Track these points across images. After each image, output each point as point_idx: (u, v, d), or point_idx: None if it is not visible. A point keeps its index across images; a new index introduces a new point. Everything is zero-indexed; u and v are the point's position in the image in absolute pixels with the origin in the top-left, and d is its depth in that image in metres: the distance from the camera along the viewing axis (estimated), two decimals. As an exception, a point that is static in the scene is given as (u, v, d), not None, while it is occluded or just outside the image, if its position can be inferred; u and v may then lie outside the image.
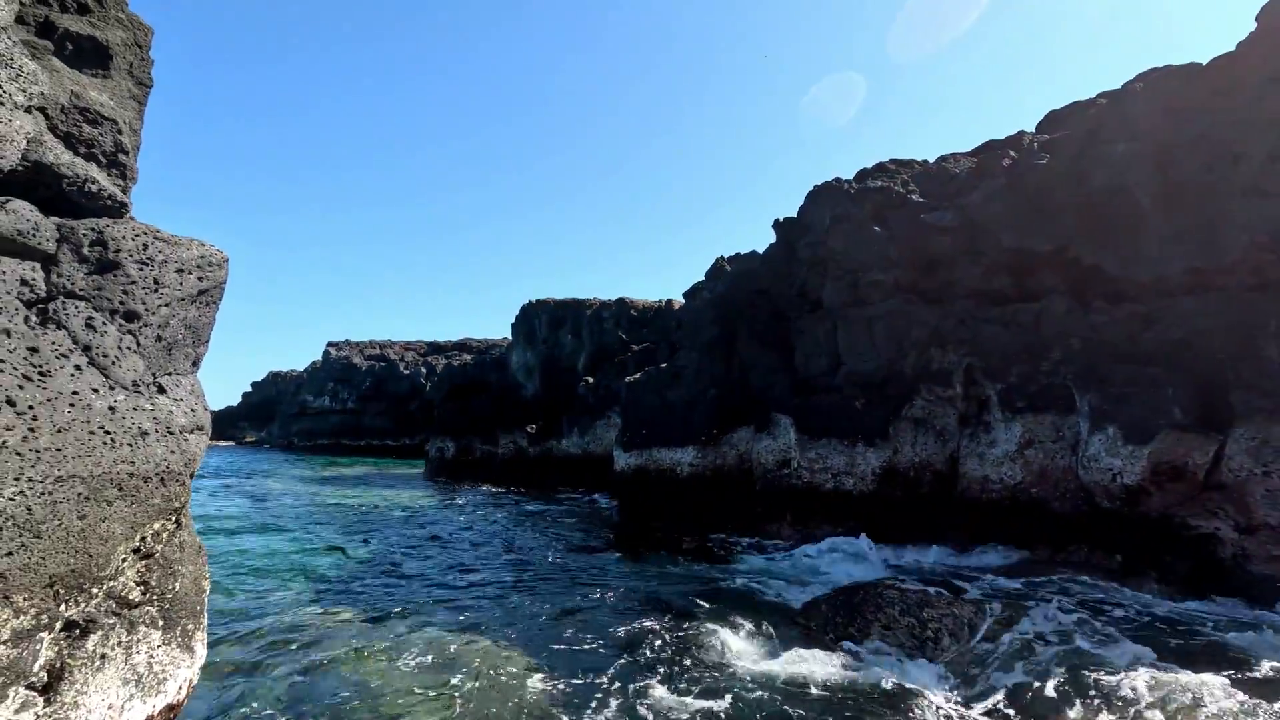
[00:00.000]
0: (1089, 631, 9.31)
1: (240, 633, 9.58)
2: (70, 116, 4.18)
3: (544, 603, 11.43)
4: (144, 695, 3.63)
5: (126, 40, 4.84)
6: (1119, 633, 9.21)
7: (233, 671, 8.12)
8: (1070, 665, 8.07)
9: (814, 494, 16.83)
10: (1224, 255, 12.16)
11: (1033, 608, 10.30)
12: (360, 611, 10.75)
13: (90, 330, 3.62)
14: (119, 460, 3.50)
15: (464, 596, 11.94)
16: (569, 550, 16.50)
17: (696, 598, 11.53)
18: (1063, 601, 10.70)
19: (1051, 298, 14.63)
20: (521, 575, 13.70)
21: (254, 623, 10.05)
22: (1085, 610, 10.29)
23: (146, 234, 4.06)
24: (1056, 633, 9.30)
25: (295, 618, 10.36)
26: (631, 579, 13.27)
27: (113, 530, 3.41)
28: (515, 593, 12.17)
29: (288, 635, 9.48)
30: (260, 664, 8.35)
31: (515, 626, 10.01)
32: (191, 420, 4.20)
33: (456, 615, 10.60)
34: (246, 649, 8.90)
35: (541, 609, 11.00)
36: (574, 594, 12.05)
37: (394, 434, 69.31)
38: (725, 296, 21.86)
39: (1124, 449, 12.47)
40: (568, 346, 41.82)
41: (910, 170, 19.64)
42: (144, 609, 3.74)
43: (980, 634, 9.15)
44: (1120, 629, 9.41)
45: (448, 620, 10.30)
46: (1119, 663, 8.10)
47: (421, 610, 10.89)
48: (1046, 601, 10.64)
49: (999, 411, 15.08)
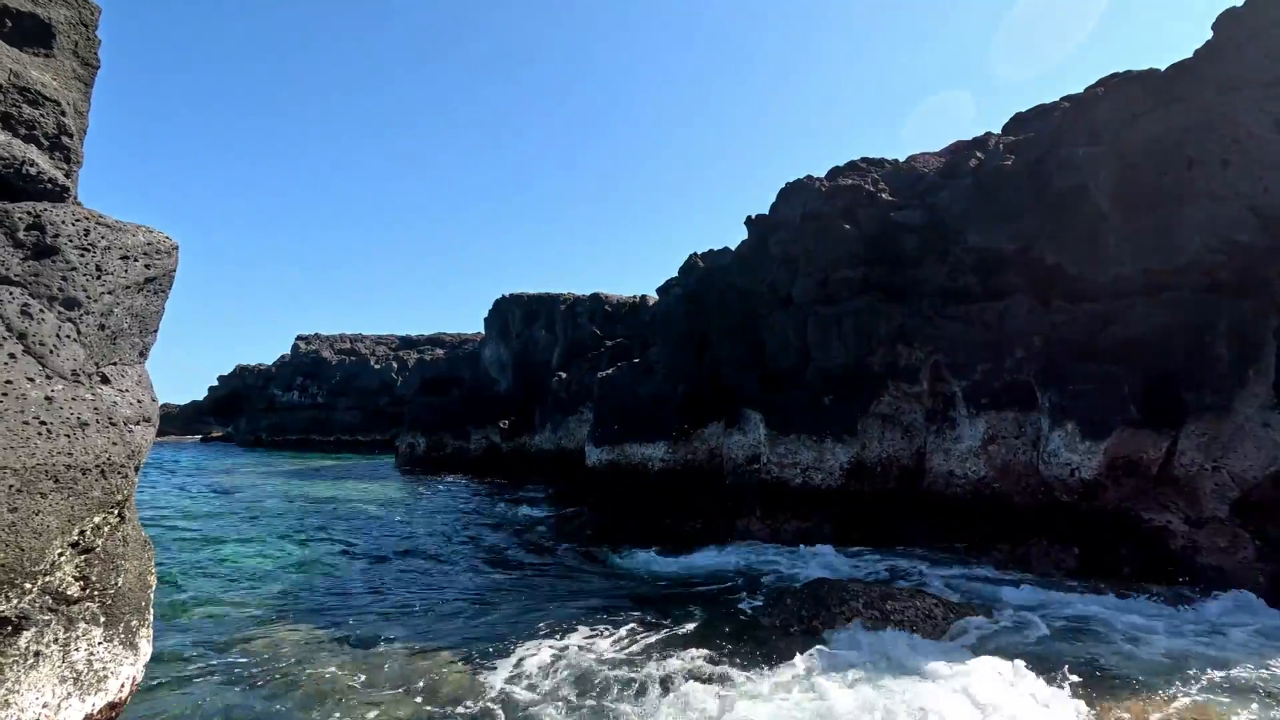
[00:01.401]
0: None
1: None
2: (9, 96, 4.02)
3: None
4: (83, 693, 3.53)
5: (71, 19, 4.67)
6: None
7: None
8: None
9: (783, 489, 16.98)
10: (1178, 257, 12.50)
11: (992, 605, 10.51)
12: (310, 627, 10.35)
13: (26, 318, 3.50)
14: (55, 451, 3.39)
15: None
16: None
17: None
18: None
19: (1015, 297, 14.91)
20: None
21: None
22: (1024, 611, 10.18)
23: (88, 219, 3.94)
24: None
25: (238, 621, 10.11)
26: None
27: (47, 524, 3.31)
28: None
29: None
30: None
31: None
32: (137, 411, 4.08)
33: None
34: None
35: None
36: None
37: (364, 429, 68.39)
38: (697, 292, 21.91)
39: (1082, 445, 12.78)
40: (541, 341, 41.60)
41: (881, 169, 19.87)
42: (84, 605, 3.63)
43: (942, 626, 9.32)
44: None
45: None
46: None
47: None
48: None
49: (964, 408, 15.36)
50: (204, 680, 7.73)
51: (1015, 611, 10.14)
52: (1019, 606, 10.42)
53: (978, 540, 14.46)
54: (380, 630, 9.59)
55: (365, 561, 14.95)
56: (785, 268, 19.29)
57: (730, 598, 11.55)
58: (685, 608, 10.75)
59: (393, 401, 65.90)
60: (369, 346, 77.57)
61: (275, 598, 11.61)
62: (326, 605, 11.17)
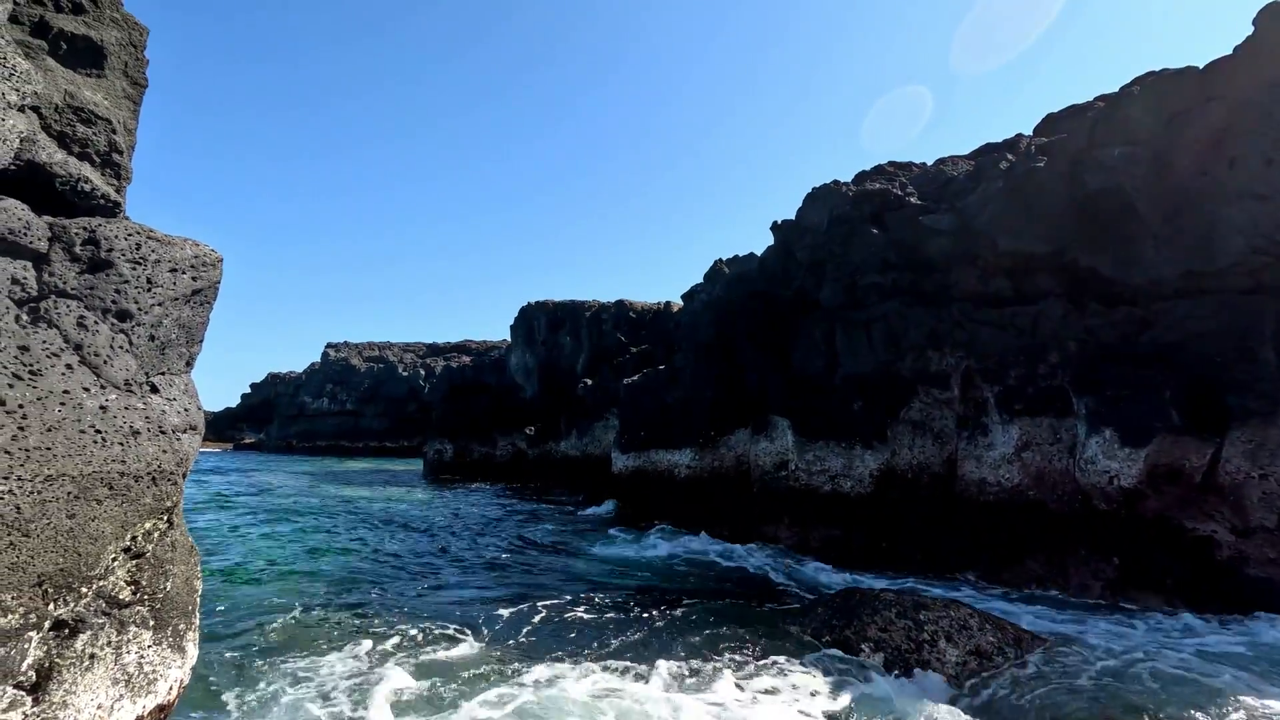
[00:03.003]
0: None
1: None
2: (64, 116, 4.18)
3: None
4: (134, 695, 3.62)
5: (121, 40, 4.84)
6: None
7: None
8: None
9: (812, 496, 16.82)
10: (1219, 258, 12.18)
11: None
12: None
13: (82, 329, 3.62)
14: (110, 459, 3.50)
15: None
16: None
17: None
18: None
19: (1049, 300, 14.64)
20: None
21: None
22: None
23: (140, 233, 4.06)
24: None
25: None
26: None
27: (102, 529, 3.41)
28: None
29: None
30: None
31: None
32: (184, 420, 4.19)
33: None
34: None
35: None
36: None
37: (392, 436, 69.30)
38: (723, 299, 21.88)
39: (1121, 451, 12.47)
40: (567, 348, 41.82)
41: (908, 173, 19.68)
42: (134, 609, 3.73)
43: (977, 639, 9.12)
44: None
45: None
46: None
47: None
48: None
49: (997, 414, 15.09)
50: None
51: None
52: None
53: (1012, 550, 14.17)
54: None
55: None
56: (812, 273, 19.17)
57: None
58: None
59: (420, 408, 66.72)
60: (397, 354, 78.68)
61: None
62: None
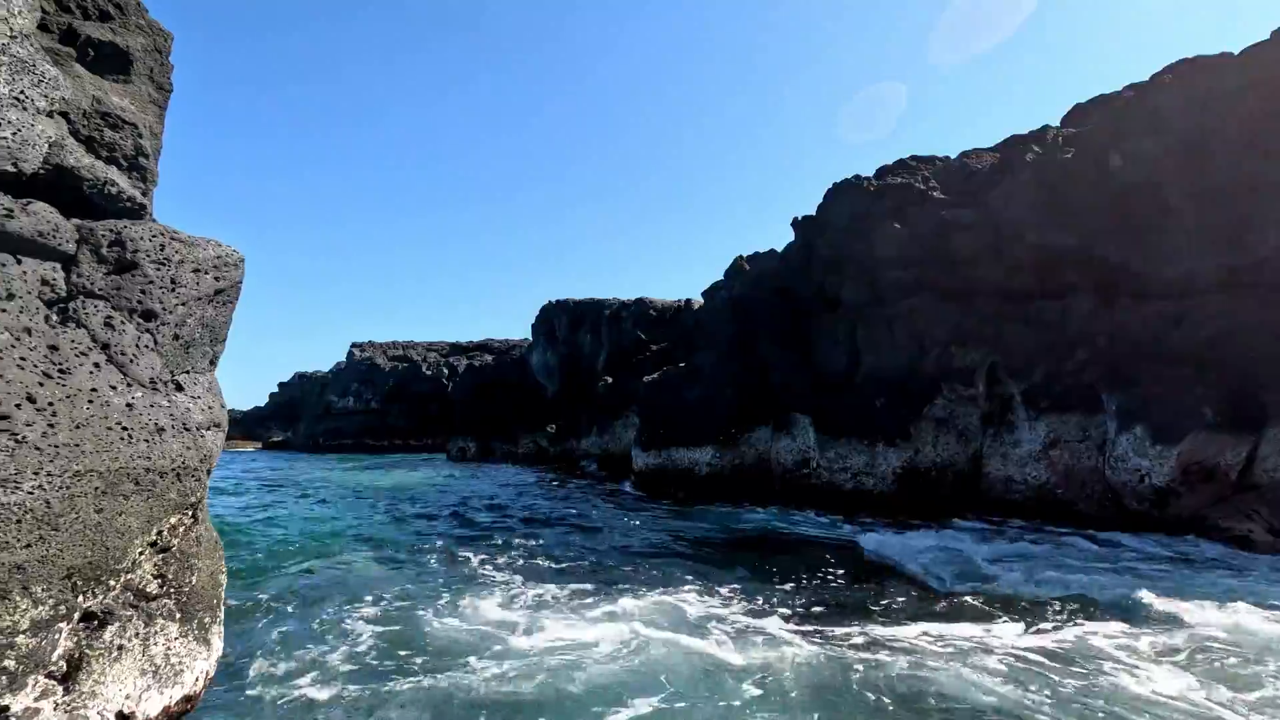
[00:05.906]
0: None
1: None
2: (91, 121, 4.28)
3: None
4: (161, 686, 3.70)
5: (147, 46, 4.94)
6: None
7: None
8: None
9: (834, 493, 16.69)
10: (1256, 251, 11.84)
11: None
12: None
13: (109, 329, 3.71)
14: (136, 456, 3.58)
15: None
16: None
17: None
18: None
19: (1076, 295, 14.35)
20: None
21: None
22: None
23: (164, 235, 4.15)
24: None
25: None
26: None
27: (129, 524, 3.49)
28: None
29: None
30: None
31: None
32: (208, 417, 4.28)
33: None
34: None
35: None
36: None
37: (416, 434, 70.03)
38: (743, 296, 21.76)
39: (1153, 449, 12.19)
40: (587, 346, 41.92)
41: (931, 167, 19.39)
42: (161, 601, 3.81)
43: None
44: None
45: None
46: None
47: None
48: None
49: (1023, 411, 14.84)
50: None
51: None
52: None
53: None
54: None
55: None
56: (834, 269, 19.00)
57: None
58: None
59: (443, 406, 67.33)
60: (420, 353, 79.50)
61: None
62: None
